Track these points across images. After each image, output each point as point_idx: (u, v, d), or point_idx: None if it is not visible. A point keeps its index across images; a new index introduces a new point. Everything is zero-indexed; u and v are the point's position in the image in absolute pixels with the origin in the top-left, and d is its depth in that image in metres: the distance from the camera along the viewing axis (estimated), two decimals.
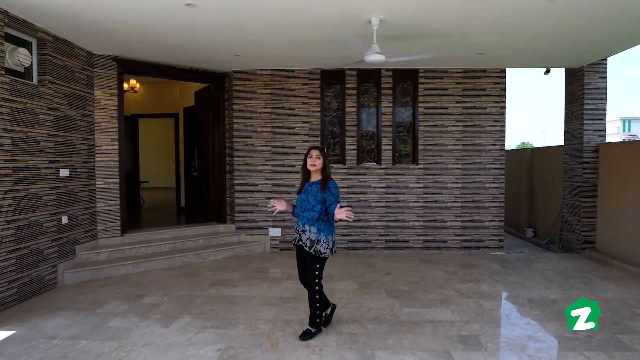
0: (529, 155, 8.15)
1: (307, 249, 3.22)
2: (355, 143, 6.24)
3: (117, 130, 5.47)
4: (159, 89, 8.67)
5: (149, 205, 9.36)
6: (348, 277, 5.03)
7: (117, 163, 5.50)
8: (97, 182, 5.35)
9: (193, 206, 7.80)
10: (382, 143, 6.22)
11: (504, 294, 4.47)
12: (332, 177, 3.33)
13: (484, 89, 6.13)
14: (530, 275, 5.10)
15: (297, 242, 3.29)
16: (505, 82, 6.14)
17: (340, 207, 3.06)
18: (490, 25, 4.38)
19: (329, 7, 3.81)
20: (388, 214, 6.24)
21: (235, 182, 6.37)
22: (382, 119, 6.21)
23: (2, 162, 3.83)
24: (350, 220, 3.07)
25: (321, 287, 3.33)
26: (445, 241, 6.22)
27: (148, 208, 9.00)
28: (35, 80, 4.35)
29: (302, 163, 3.35)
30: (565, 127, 6.46)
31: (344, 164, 6.26)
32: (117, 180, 5.50)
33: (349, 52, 5.05)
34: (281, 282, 4.83)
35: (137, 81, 8.17)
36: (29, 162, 4.17)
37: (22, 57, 4.07)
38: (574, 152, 6.20)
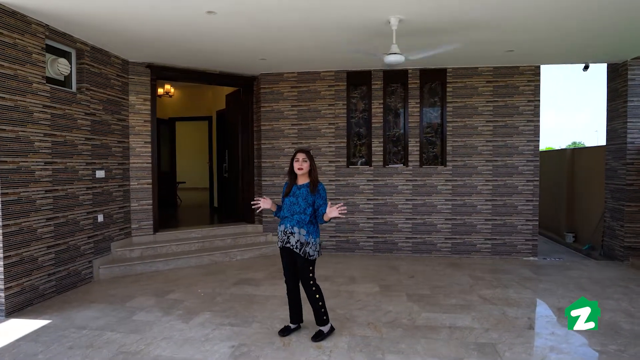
0: (569, 156, 7.73)
1: (297, 251, 3.22)
2: (382, 144, 6.18)
3: (150, 133, 5.75)
4: (194, 93, 9.00)
5: (185, 204, 9.73)
6: (370, 279, 5.00)
7: (150, 165, 5.77)
8: (131, 183, 5.65)
9: (224, 206, 8.03)
10: (409, 144, 6.13)
11: (532, 302, 4.28)
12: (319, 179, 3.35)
13: (516, 87, 5.89)
14: (563, 283, 4.85)
15: (285, 243, 3.28)
16: (539, 80, 5.87)
17: (331, 205, 3.14)
18: (520, 21, 4.21)
19: (347, 9, 3.81)
20: (415, 217, 6.13)
21: (262, 183, 6.50)
22: (409, 120, 6.12)
23: (43, 164, 4.14)
24: (343, 217, 3.13)
25: (318, 286, 3.35)
26: (474, 245, 6.03)
27: (184, 207, 9.36)
28: (74, 88, 4.67)
29: (289, 166, 3.33)
30: (608, 126, 6.08)
31: (370, 166, 6.22)
32: (150, 181, 5.78)
33: (369, 53, 5.03)
34: None
35: (172, 86, 8.53)
36: (67, 164, 4.47)
37: (62, 67, 4.38)
38: (617, 153, 5.82)
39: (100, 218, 5.00)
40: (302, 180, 3.30)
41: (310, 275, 3.30)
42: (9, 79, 3.75)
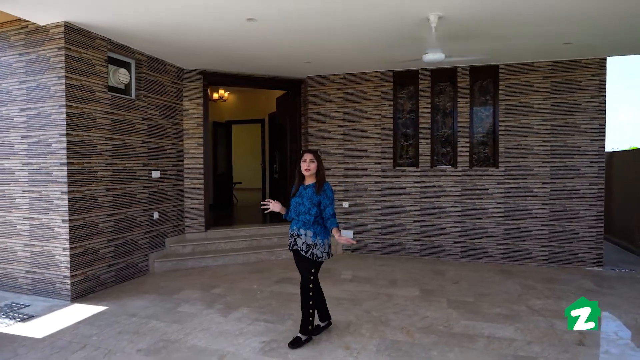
0: None
1: (303, 253, 3.19)
2: (429, 145, 6.01)
3: (202, 136, 6.09)
4: (248, 97, 9.35)
5: (240, 204, 10.14)
6: (412, 283, 4.89)
7: (202, 166, 6.11)
8: (185, 183, 6.02)
9: None
10: (459, 145, 5.89)
11: None
12: (326, 179, 3.29)
13: (577, 82, 5.43)
14: (631, 297, 4.39)
15: (293, 246, 3.26)
16: (605, 74, 5.36)
17: (340, 235, 3.03)
18: (576, 11, 3.90)
19: (383, 7, 3.77)
20: (464, 220, 5.88)
21: None
22: (459, 120, 5.89)
23: (104, 165, 4.56)
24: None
25: (315, 291, 3.28)
26: (529, 252, 5.65)
27: (239, 207, 9.75)
28: (133, 95, 5.08)
29: (297, 167, 3.29)
30: None
31: (417, 167, 6.08)
32: (202, 181, 6.11)
33: (409, 52, 4.94)
34: (343, 283, 4.89)
35: (228, 91, 8.94)
36: (126, 165, 4.88)
37: (122, 76, 4.79)
38: None
39: (156, 215, 5.39)
40: (310, 180, 3.27)
41: (311, 278, 3.22)
42: (75, 89, 4.18)
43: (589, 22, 4.17)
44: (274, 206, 3.26)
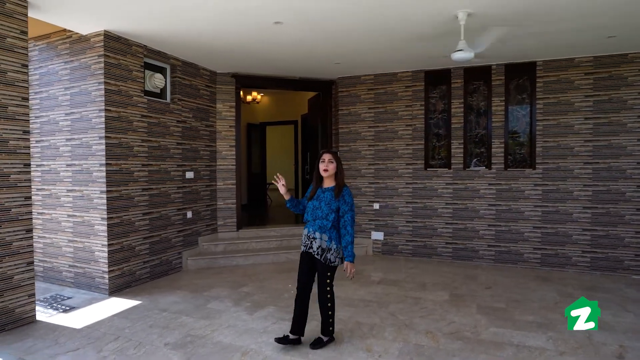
0: None
1: (317, 257, 3.12)
2: (462, 146, 5.85)
3: (234, 137, 6.24)
4: (282, 99, 9.48)
5: (274, 204, 10.29)
6: (442, 287, 4.78)
7: (235, 166, 6.26)
8: (218, 184, 6.19)
9: None
10: (493, 145, 5.70)
11: (631, 328, 3.68)
12: (346, 183, 3.20)
13: (623, 78, 5.10)
14: None
15: (308, 249, 3.17)
16: None
17: (347, 260, 3.10)
18: (616, 4, 3.68)
19: (408, 6, 3.71)
20: (499, 223, 5.68)
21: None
22: (493, 119, 5.69)
23: (140, 166, 4.78)
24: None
25: (333, 295, 3.24)
26: (569, 258, 5.37)
27: (273, 207, 9.90)
28: (168, 99, 5.29)
29: (315, 168, 3.20)
30: None
31: (450, 168, 5.93)
32: (234, 181, 6.26)
33: (438, 51, 4.84)
34: (370, 285, 4.86)
35: (262, 93, 9.10)
36: (161, 166, 5.09)
37: (157, 81, 5.00)
38: None
39: (189, 214, 5.58)
40: (328, 183, 3.17)
41: (328, 281, 3.17)
42: (113, 94, 4.41)
43: (634, 14, 3.91)
44: (281, 188, 3.18)
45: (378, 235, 6.37)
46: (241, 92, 8.44)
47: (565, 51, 5.10)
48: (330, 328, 3.27)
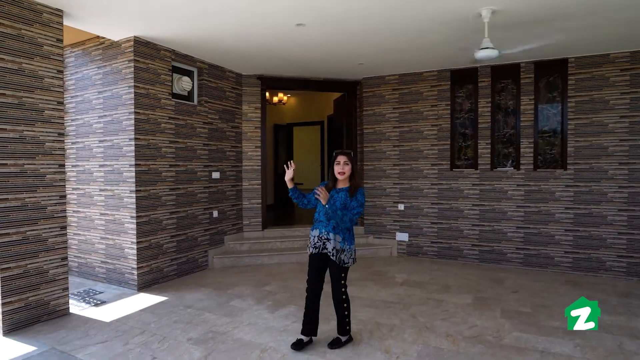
0: None
1: (333, 257, 3.09)
2: (489, 146, 5.71)
3: (260, 138, 6.34)
4: (308, 100, 9.55)
5: None
6: (466, 289, 4.69)
7: (260, 167, 6.36)
8: (243, 184, 6.31)
9: None
10: (522, 145, 5.53)
11: None
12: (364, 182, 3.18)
13: None
14: None
15: (322, 250, 3.12)
16: None
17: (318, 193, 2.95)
18: None
19: (430, 4, 3.67)
20: (528, 226, 5.50)
21: (365, 185, 6.59)
22: (522, 119, 5.52)
23: (168, 166, 4.94)
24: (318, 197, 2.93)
25: (347, 295, 3.23)
26: (603, 262, 5.14)
27: (300, 207, 9.96)
28: (195, 101, 5.44)
29: (330, 170, 3.17)
30: None
31: (476, 169, 5.80)
32: (260, 182, 6.36)
33: (462, 50, 4.75)
34: (393, 286, 4.82)
35: (286, 94, 9.20)
36: (188, 166, 5.24)
37: (185, 84, 5.16)
38: None
39: (215, 214, 5.72)
40: (342, 184, 3.16)
41: (343, 282, 3.17)
42: (142, 97, 4.59)
43: None
44: (289, 173, 3.13)
45: (403, 237, 6.31)
46: (267, 94, 8.58)
47: (599, 47, 4.89)
48: (347, 327, 3.27)
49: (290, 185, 3.18)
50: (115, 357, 3.09)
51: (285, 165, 3.20)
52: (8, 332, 3.46)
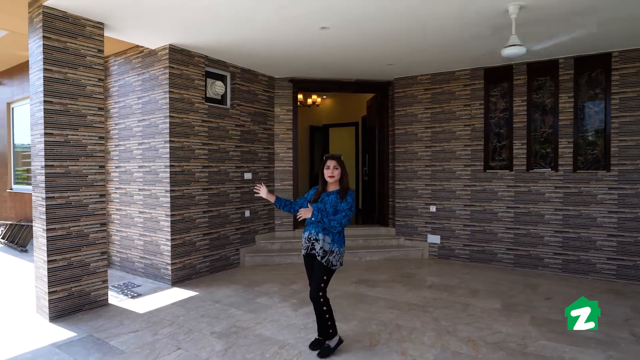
0: None
1: (319, 258, 3.06)
2: (525, 146, 5.49)
3: (291, 140, 6.47)
4: (343, 101, 9.58)
5: None
6: (495, 295, 4.54)
7: (292, 168, 6.49)
8: (275, 184, 6.46)
9: (366, 209, 8.32)
10: (560, 145, 5.27)
11: None
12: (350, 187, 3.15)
13: None
14: None
15: (310, 250, 3.12)
16: None
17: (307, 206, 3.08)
18: None
19: (457, 3, 3.62)
20: (566, 230, 5.23)
21: (396, 186, 6.54)
22: (560, 117, 5.26)
23: (201, 167, 5.18)
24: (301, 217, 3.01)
25: (327, 298, 3.15)
26: None
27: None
28: (228, 105, 5.65)
29: (320, 174, 3.17)
30: None
31: (511, 170, 5.59)
32: (291, 182, 6.49)
33: (491, 48, 4.61)
34: (420, 289, 4.77)
35: (320, 95, 9.29)
36: (220, 167, 5.46)
37: (218, 88, 5.38)
38: None
39: (247, 213, 5.90)
40: (333, 187, 3.16)
41: (322, 285, 3.10)
42: (177, 102, 4.84)
43: None
44: (262, 191, 3.25)
45: (434, 239, 6.20)
46: (301, 96, 8.72)
47: None
48: (331, 330, 3.16)
49: (271, 199, 3.25)
50: (143, 346, 3.30)
51: (256, 190, 3.29)
52: (54, 319, 3.78)
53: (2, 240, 7.31)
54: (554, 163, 5.33)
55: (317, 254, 3.08)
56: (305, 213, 3.04)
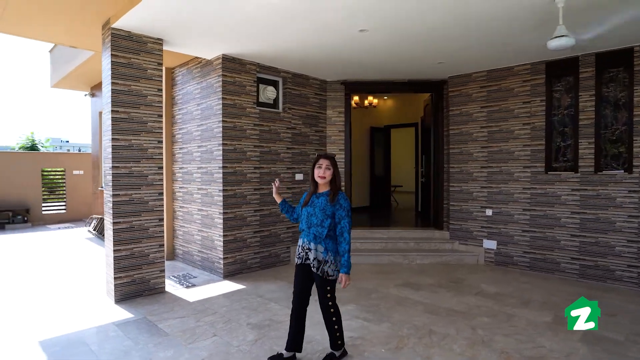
0: None
1: (314, 269, 2.91)
2: (593, 146, 4.99)
3: (343, 141, 6.56)
4: (403, 101, 9.44)
5: (400, 207, 10.27)
6: (549, 306, 4.21)
7: (343, 169, 6.57)
8: None
9: (424, 210, 8.12)
10: (635, 144, 4.71)
11: None
12: (342, 188, 2.99)
13: None
14: None
15: (304, 260, 2.95)
16: None
17: (342, 272, 2.86)
18: None
19: None
20: None
21: (451, 188, 6.32)
22: (635, 112, 4.70)
23: (252, 168, 5.49)
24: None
25: (337, 308, 3.02)
26: None
27: (398, 210, 9.90)
28: (280, 108, 5.91)
29: (310, 173, 3.01)
30: None
31: (576, 172, 5.12)
32: (344, 183, 6.58)
33: (542, 39, 4.28)
34: (466, 295, 4.59)
35: (377, 97, 9.23)
36: (271, 168, 5.73)
37: (269, 93, 5.66)
38: None
39: None
40: (323, 188, 2.98)
41: (329, 296, 2.95)
42: (229, 107, 5.19)
43: None
44: (274, 189, 3.23)
45: (490, 244, 5.88)
46: (357, 98, 8.77)
47: None
48: (339, 342, 3.07)
49: (278, 200, 3.22)
50: (185, 330, 3.63)
51: (272, 183, 3.26)
52: (118, 301, 4.30)
53: (94, 232, 8.38)
54: (627, 164, 4.78)
55: (312, 265, 2.92)
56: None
